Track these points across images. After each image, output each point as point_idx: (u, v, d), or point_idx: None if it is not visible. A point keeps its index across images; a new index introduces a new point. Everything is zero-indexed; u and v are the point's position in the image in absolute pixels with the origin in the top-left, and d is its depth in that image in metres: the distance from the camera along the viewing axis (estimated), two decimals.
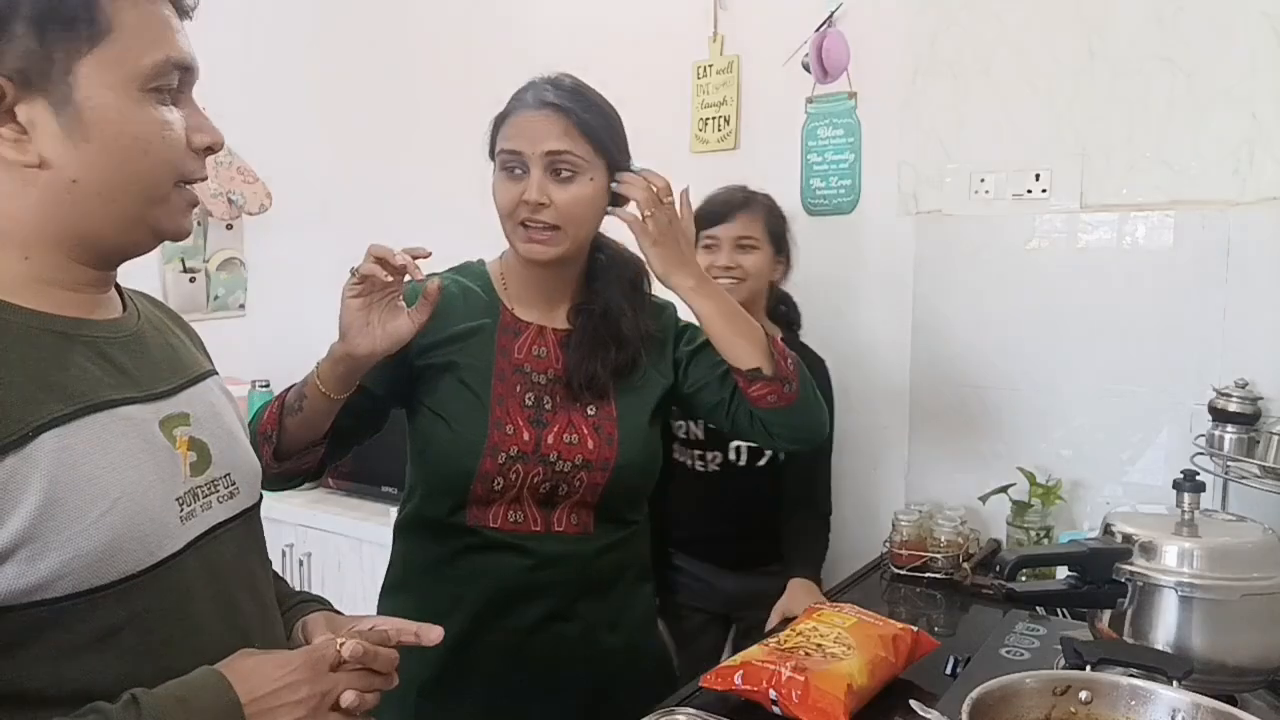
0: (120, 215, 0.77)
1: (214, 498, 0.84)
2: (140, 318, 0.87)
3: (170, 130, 0.78)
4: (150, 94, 0.77)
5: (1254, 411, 1.59)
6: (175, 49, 0.78)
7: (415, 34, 2.84)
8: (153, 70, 0.76)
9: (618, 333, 1.34)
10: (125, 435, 0.76)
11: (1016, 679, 0.98)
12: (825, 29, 2.10)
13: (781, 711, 1.15)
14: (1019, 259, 1.92)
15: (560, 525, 1.30)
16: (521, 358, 1.32)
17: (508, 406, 1.28)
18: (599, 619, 1.33)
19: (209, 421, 0.86)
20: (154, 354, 0.85)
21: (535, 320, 1.34)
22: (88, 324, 0.79)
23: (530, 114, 1.27)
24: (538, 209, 1.25)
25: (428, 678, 1.31)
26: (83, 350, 0.77)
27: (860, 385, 2.08)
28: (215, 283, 2.82)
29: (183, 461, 0.81)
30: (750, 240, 1.79)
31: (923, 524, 1.86)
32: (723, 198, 1.83)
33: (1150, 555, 1.17)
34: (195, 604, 0.79)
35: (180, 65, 0.79)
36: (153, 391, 0.81)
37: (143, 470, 0.76)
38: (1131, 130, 1.79)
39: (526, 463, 1.27)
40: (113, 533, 0.72)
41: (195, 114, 0.81)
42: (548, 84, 1.29)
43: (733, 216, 1.79)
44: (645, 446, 1.35)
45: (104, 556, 0.71)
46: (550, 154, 1.25)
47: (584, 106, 1.28)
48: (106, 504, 0.72)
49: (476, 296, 1.34)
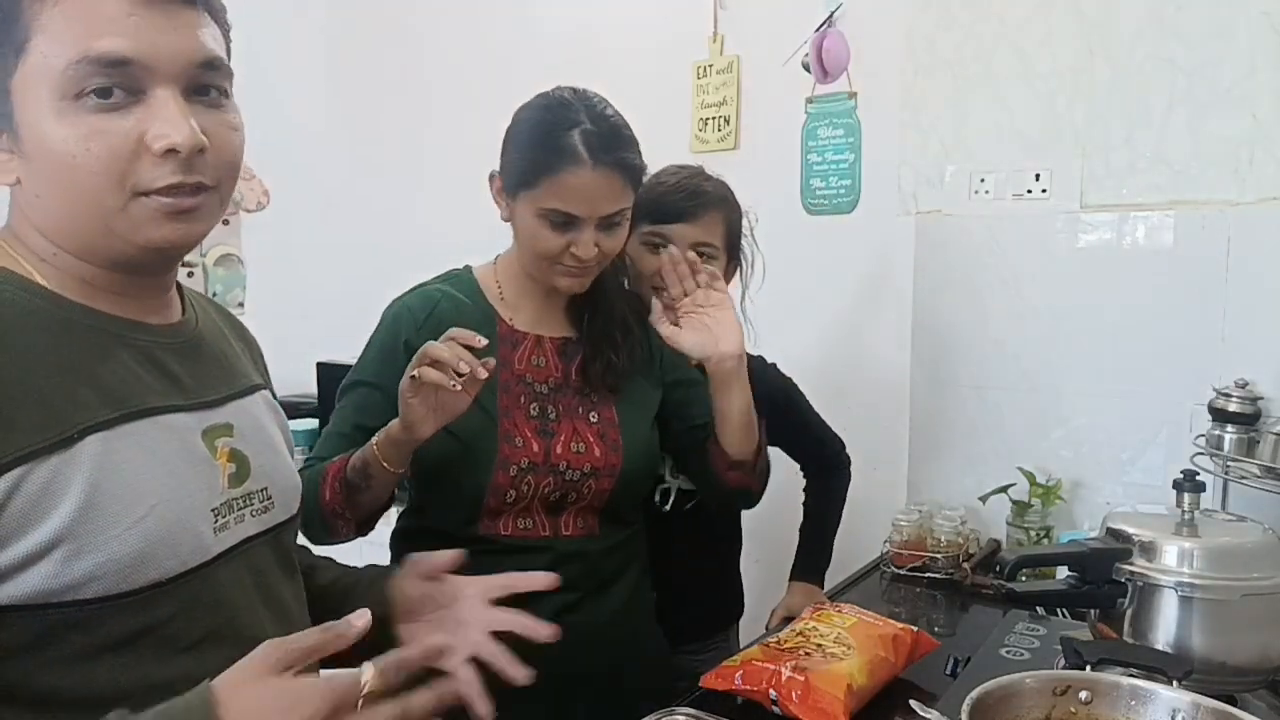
0: (85, 228, 0.74)
1: (248, 510, 0.83)
2: (199, 323, 0.86)
3: (97, 140, 0.70)
4: (78, 101, 0.69)
5: (1254, 411, 1.59)
6: (101, 44, 0.68)
7: (416, 33, 2.84)
8: (68, 74, 0.68)
9: (624, 323, 1.36)
10: (167, 443, 0.76)
11: (1016, 679, 0.98)
12: (825, 29, 2.10)
13: (781, 711, 1.15)
14: (1019, 259, 1.92)
15: (568, 530, 1.31)
16: (522, 368, 1.31)
17: (514, 418, 1.28)
18: (605, 613, 1.34)
19: (252, 434, 0.86)
20: (206, 362, 0.84)
21: (531, 329, 1.34)
22: (143, 328, 0.79)
23: (585, 174, 1.21)
24: (586, 258, 1.24)
25: None
26: (131, 353, 0.77)
27: (860, 385, 2.08)
28: (213, 279, 2.81)
29: (222, 473, 0.80)
30: (709, 248, 1.49)
31: (923, 524, 1.86)
32: (680, 187, 1.51)
33: (1150, 555, 1.17)
34: (218, 616, 0.78)
35: (111, 60, 0.69)
36: (200, 401, 0.81)
37: (181, 479, 0.76)
38: (1131, 130, 1.79)
39: (538, 473, 1.27)
40: (146, 540, 0.71)
41: (162, 111, 0.71)
42: (591, 122, 1.22)
43: (693, 216, 1.49)
44: (647, 450, 1.37)
45: (136, 562, 0.71)
46: (606, 216, 1.24)
47: (632, 150, 1.26)
48: (143, 510, 0.71)
49: (469, 310, 1.32)
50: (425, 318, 1.30)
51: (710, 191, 1.52)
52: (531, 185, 1.24)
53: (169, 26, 0.72)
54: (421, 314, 1.30)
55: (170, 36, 0.72)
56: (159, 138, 0.71)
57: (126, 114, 0.71)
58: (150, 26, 0.71)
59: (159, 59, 0.71)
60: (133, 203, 0.73)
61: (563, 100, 1.26)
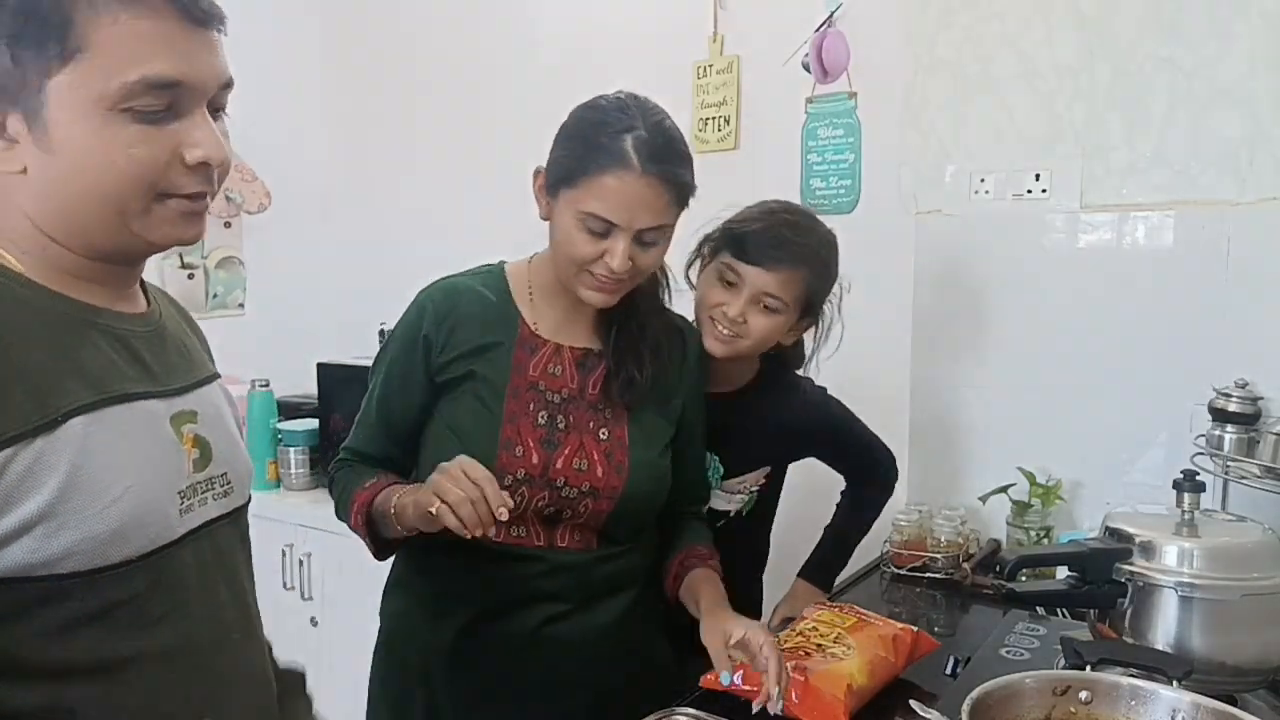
0: (98, 224, 0.78)
1: (210, 494, 0.87)
2: (161, 315, 0.90)
3: (139, 149, 0.76)
4: (124, 113, 0.75)
5: (1254, 411, 1.59)
6: (154, 67, 0.75)
7: (416, 34, 2.84)
8: (121, 91, 0.74)
9: (654, 342, 1.34)
10: (141, 427, 0.80)
11: (1016, 679, 0.98)
12: (825, 29, 2.10)
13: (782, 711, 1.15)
14: (1019, 259, 1.92)
15: (563, 542, 1.30)
16: (536, 375, 1.30)
17: (519, 425, 1.27)
18: (599, 625, 1.32)
19: (213, 422, 0.90)
20: (170, 351, 0.88)
21: (553, 338, 1.32)
22: (116, 316, 0.83)
23: (632, 180, 1.17)
24: (619, 271, 1.21)
25: (429, 679, 1.31)
26: (108, 339, 0.81)
27: (860, 385, 2.08)
28: (214, 281, 2.81)
29: (187, 458, 0.85)
30: (776, 302, 1.44)
31: (923, 524, 1.86)
32: (771, 232, 1.44)
33: (1150, 555, 1.17)
34: (184, 592, 0.82)
35: (163, 83, 0.76)
36: (168, 388, 0.85)
37: (153, 462, 0.80)
38: (1131, 130, 1.78)
39: (533, 486, 1.26)
40: (121, 519, 0.75)
41: (197, 128, 0.79)
42: (647, 131, 1.18)
43: (773, 266, 1.43)
44: (654, 475, 1.34)
45: (111, 540, 0.75)
46: (645, 230, 1.20)
47: (684, 165, 1.22)
48: (119, 490, 0.76)
49: (494, 308, 1.31)
50: (447, 313, 1.29)
51: (798, 246, 1.45)
52: (573, 184, 1.20)
53: (205, 49, 0.78)
54: (444, 308, 1.30)
55: (207, 59, 0.79)
56: (195, 152, 0.78)
57: (164, 127, 0.77)
58: (193, 51, 0.77)
59: (201, 81, 0.78)
60: (157, 204, 0.79)
61: (621, 103, 1.23)
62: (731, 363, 1.52)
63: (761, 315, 1.44)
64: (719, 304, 1.45)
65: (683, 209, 1.26)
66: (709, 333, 1.47)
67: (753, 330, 1.45)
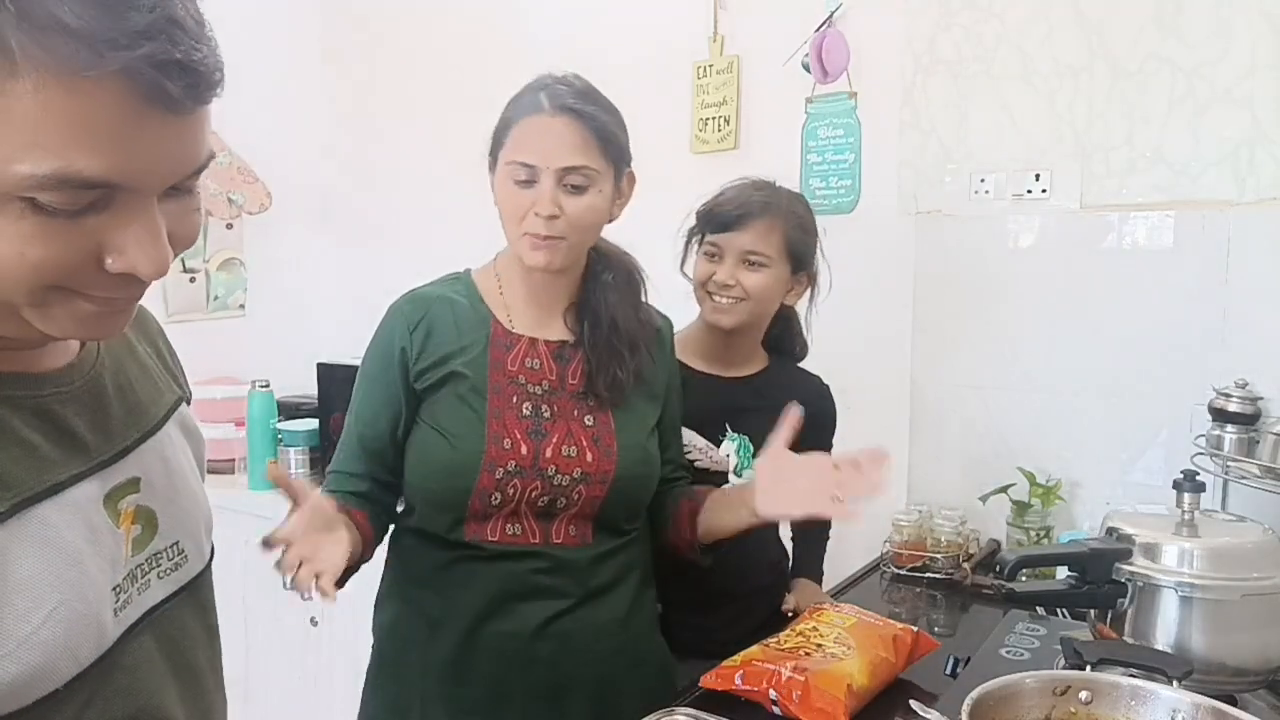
0: None
1: (154, 573, 0.74)
2: (98, 355, 0.73)
3: (34, 249, 0.56)
4: (22, 202, 0.55)
5: (1254, 411, 1.59)
6: (75, 164, 0.54)
7: (416, 34, 2.84)
8: (26, 181, 0.54)
9: (632, 339, 1.35)
10: (68, 526, 0.65)
11: (1016, 679, 0.98)
12: (825, 29, 2.10)
13: (781, 711, 1.15)
14: (1019, 259, 1.92)
15: (559, 537, 1.30)
16: (515, 370, 1.31)
17: (504, 420, 1.27)
18: (600, 622, 1.32)
19: (161, 482, 0.75)
20: (109, 404, 0.72)
21: (527, 332, 1.33)
22: (35, 380, 0.66)
23: (544, 119, 1.23)
24: (549, 221, 1.23)
25: (428, 680, 1.30)
26: (24, 417, 0.64)
27: (860, 385, 2.08)
28: (215, 283, 2.81)
29: (125, 540, 0.71)
30: (760, 257, 1.50)
31: (923, 524, 1.86)
32: (736, 198, 1.53)
33: (1150, 555, 1.17)
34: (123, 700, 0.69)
35: (85, 184, 0.55)
36: (104, 456, 0.70)
37: (83, 567, 0.65)
38: (1131, 130, 1.79)
39: (524, 477, 1.26)
40: (45, 653, 0.61)
41: (131, 227, 0.58)
42: (560, 84, 1.26)
43: (744, 224, 1.49)
44: (643, 458, 1.35)
45: (33, 680, 0.61)
46: (565, 169, 1.23)
47: (600, 110, 1.26)
48: (40, 617, 0.61)
49: (465, 311, 1.32)
50: (418, 322, 1.30)
51: (763, 202, 1.51)
52: (501, 144, 1.27)
53: (172, 138, 0.58)
54: (415, 317, 1.31)
55: (172, 148, 0.58)
56: (120, 261, 0.58)
57: (80, 221, 0.57)
58: (149, 144, 0.56)
59: (150, 179, 0.58)
60: (55, 299, 0.59)
61: (544, 73, 1.30)
62: (741, 338, 1.57)
63: (751, 272, 1.51)
64: (710, 275, 1.53)
65: (609, 159, 1.27)
66: (710, 307, 1.54)
67: (749, 289, 1.51)
